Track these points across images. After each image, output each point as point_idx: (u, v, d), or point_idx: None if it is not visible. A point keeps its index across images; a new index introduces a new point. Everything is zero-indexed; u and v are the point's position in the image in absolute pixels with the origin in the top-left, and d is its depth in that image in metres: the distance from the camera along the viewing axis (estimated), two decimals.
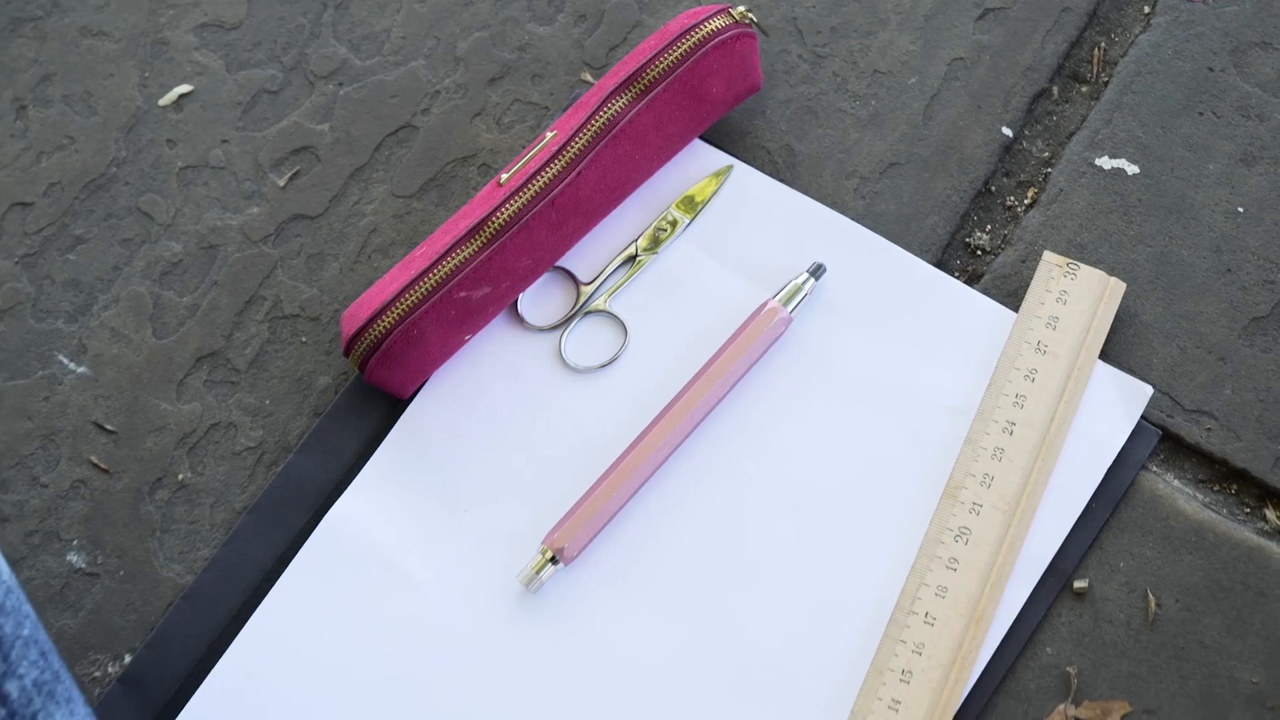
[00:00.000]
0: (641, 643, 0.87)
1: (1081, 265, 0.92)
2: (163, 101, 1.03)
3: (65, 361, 0.96)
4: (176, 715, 0.88)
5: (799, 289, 0.91)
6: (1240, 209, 0.94)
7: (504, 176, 0.91)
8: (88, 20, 1.05)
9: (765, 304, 0.90)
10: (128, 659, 0.90)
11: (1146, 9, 0.99)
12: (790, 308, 0.90)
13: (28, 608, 0.71)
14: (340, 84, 1.02)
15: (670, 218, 0.95)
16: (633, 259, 0.94)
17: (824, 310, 0.93)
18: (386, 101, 1.02)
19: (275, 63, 1.03)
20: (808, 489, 0.90)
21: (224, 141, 1.01)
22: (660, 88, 0.92)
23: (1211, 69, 0.97)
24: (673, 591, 0.88)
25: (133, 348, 0.96)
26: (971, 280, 0.94)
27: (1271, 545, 0.86)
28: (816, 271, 0.91)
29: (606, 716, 0.86)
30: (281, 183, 0.98)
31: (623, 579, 0.89)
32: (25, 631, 0.70)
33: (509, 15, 1.03)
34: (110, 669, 0.89)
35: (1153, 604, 0.86)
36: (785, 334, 0.92)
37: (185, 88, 1.03)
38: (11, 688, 0.68)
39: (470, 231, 0.89)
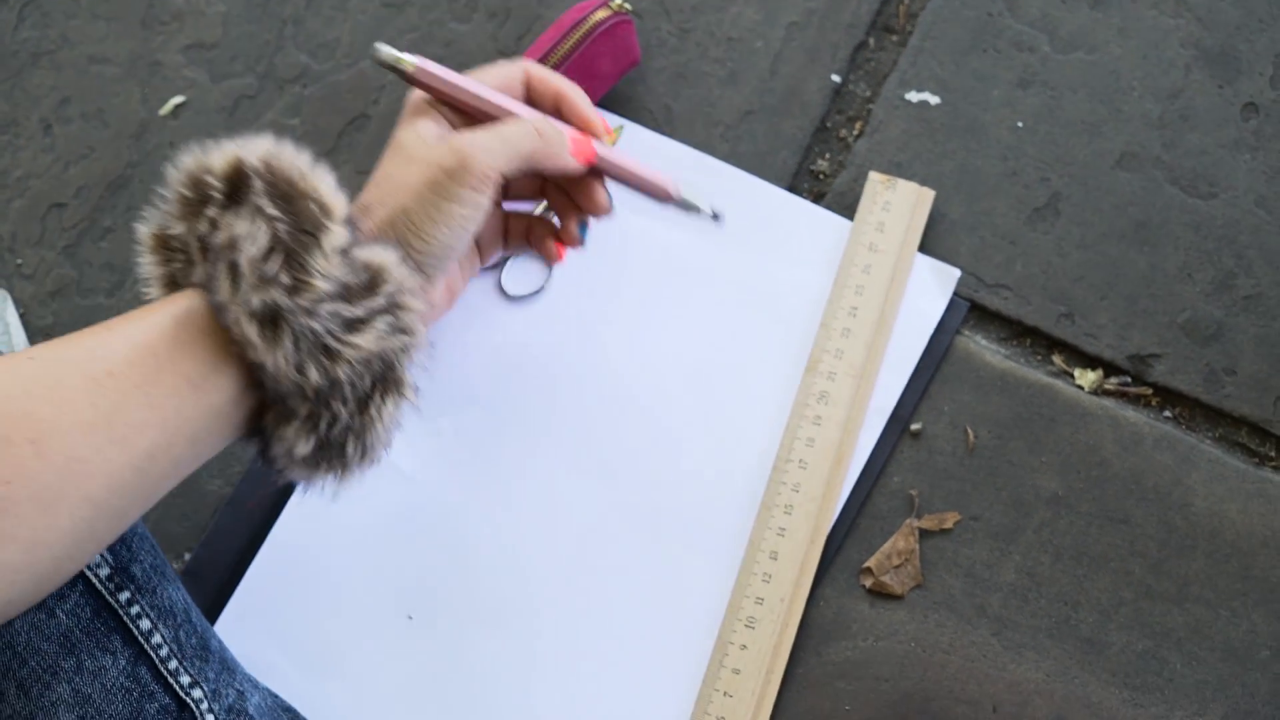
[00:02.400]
0: (584, 500, 0.96)
1: (899, 180, 0.99)
2: (162, 112, 1.09)
3: None
4: (230, 596, 0.96)
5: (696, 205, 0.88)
6: (1020, 124, 1.00)
7: None
8: (93, 50, 1.11)
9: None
10: (187, 556, 0.98)
11: None
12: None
13: None
14: (304, 85, 1.08)
15: None
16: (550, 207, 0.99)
17: (704, 232, 0.99)
18: (343, 97, 1.08)
19: (250, 72, 1.09)
20: (702, 373, 0.97)
21: (215, 141, 1.06)
22: (560, 71, 0.98)
23: (991, 14, 1.03)
24: (605, 459, 0.96)
25: None
26: (817, 199, 1.01)
27: (1058, 383, 0.95)
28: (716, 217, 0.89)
29: (558, 557, 0.95)
30: None
31: (569, 449, 0.97)
32: (139, 529, 0.81)
33: (434, 18, 1.08)
34: (175, 566, 0.97)
35: (971, 436, 0.95)
36: (675, 253, 0.98)
37: (179, 99, 1.09)
38: (136, 569, 0.79)
39: None
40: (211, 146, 0.74)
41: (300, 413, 0.72)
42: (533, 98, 0.86)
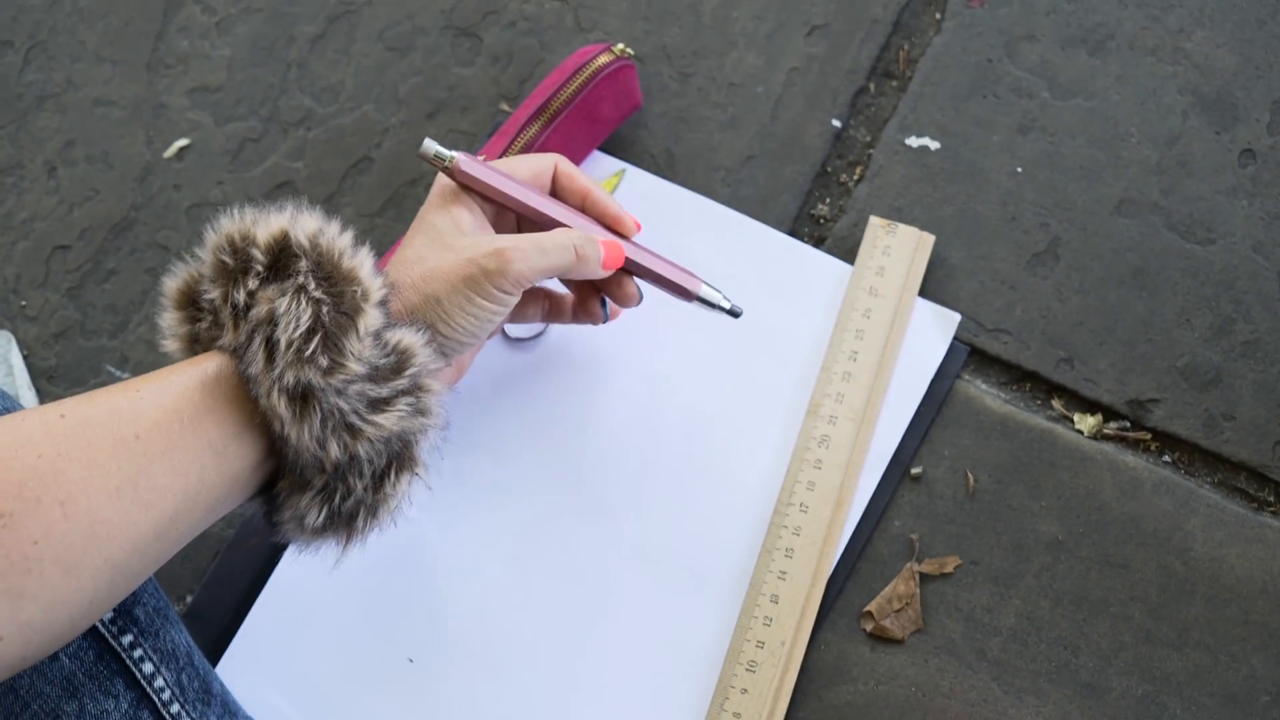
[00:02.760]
0: (584, 542, 0.95)
1: (900, 224, 0.99)
2: (167, 154, 1.09)
3: (112, 370, 1.04)
4: (232, 638, 0.96)
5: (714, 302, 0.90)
6: (1019, 170, 1.01)
7: None
8: (98, 92, 1.11)
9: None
10: (189, 598, 0.98)
11: (938, 15, 1.06)
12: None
13: None
14: (308, 129, 1.09)
15: None
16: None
17: (706, 277, 0.96)
18: (347, 140, 1.08)
19: (254, 115, 1.10)
20: (702, 417, 0.97)
21: (220, 183, 1.08)
22: (563, 115, 0.98)
23: (990, 60, 1.04)
24: (606, 501, 0.96)
25: (164, 355, 0.98)
26: (817, 243, 1.01)
27: (1058, 428, 0.95)
28: (733, 311, 0.90)
29: (558, 599, 0.94)
30: None
31: (569, 491, 0.97)
32: None
33: (438, 61, 1.09)
34: (176, 608, 0.96)
35: (971, 480, 0.95)
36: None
37: (184, 142, 1.10)
38: (139, 612, 0.79)
39: None
40: (255, 214, 0.75)
41: (315, 484, 0.73)
42: (557, 191, 0.89)
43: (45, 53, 1.13)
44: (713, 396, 0.99)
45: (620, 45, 1.01)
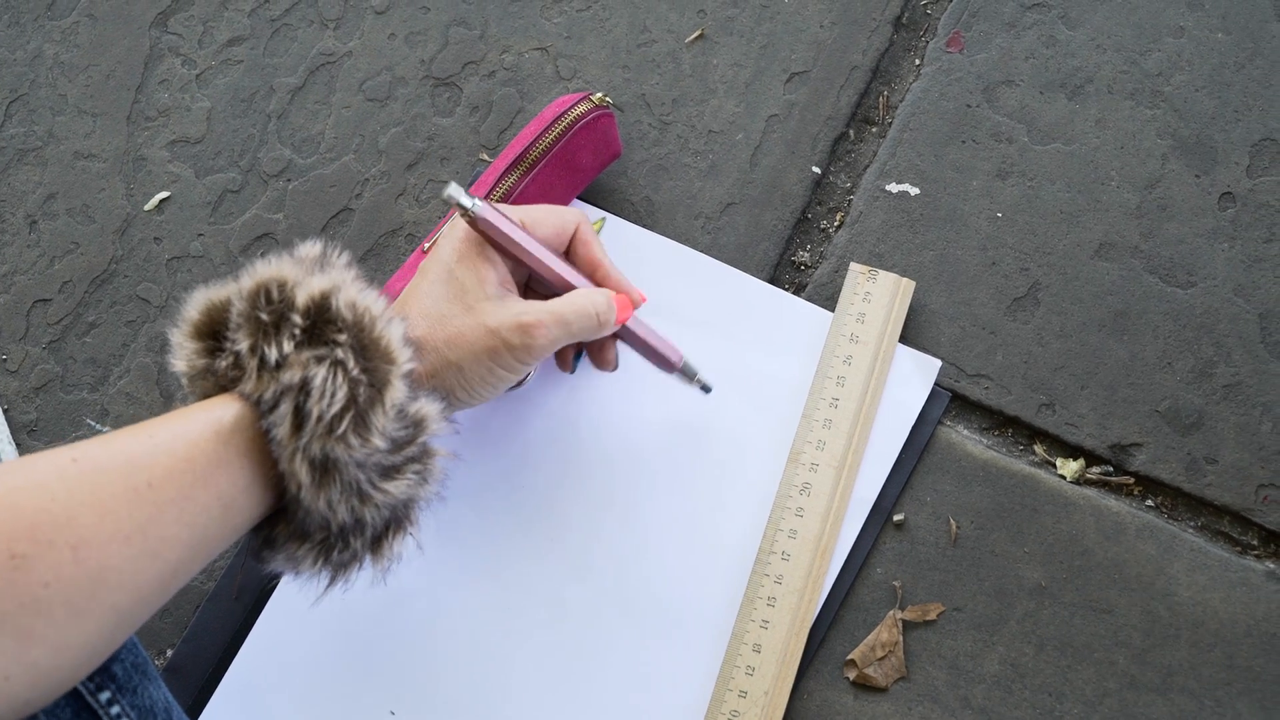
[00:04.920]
0: (566, 592, 0.96)
1: (880, 271, 1.00)
2: (147, 207, 1.11)
3: (93, 424, 1.05)
4: (213, 693, 0.97)
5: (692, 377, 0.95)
6: (999, 215, 1.02)
7: (426, 245, 0.98)
8: (79, 146, 1.13)
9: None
10: (169, 653, 0.99)
11: (917, 61, 1.07)
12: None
13: None
14: (288, 180, 1.10)
15: None
16: None
17: (687, 325, 1.00)
18: (327, 191, 1.10)
19: (234, 167, 1.11)
20: (683, 465, 0.99)
21: (200, 235, 1.09)
22: (542, 163, 0.99)
23: (969, 105, 1.05)
24: (587, 551, 0.97)
25: (145, 408, 1.05)
26: (798, 290, 1.03)
27: (1040, 473, 0.97)
28: (705, 388, 0.96)
29: (540, 650, 0.95)
30: None
31: (550, 541, 0.97)
32: None
33: (417, 112, 1.11)
34: (157, 662, 0.98)
35: (954, 527, 0.96)
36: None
37: (164, 194, 1.11)
38: (117, 669, 0.79)
39: None
40: (294, 269, 0.76)
41: (315, 537, 0.75)
42: (570, 254, 0.92)
43: (26, 106, 1.15)
44: (693, 445, 1.00)
45: (599, 94, 1.02)
